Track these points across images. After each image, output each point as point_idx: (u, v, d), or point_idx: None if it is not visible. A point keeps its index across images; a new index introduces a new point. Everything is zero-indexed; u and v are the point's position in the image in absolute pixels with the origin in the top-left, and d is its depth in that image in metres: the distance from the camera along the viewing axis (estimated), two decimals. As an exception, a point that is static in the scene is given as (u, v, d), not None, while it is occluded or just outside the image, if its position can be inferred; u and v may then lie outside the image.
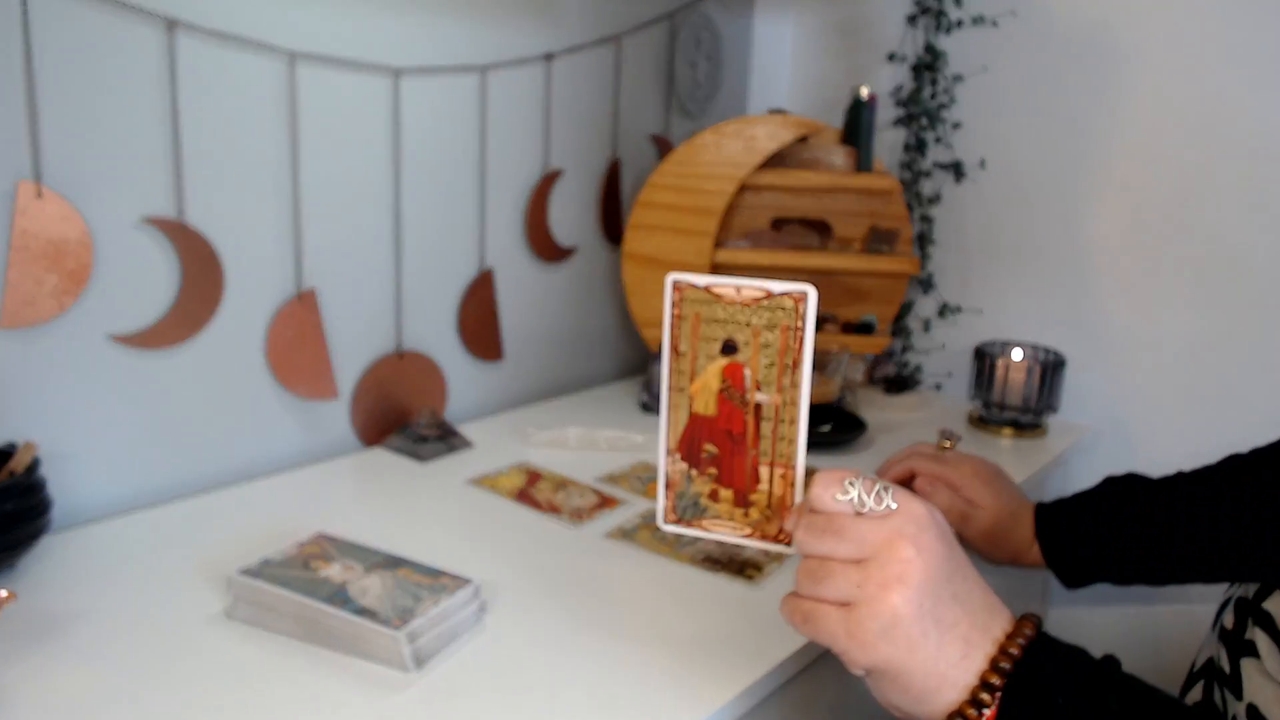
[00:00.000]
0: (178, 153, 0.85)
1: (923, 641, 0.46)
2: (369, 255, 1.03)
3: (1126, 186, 1.24)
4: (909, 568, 0.46)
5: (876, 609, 0.46)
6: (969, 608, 0.48)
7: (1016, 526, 0.87)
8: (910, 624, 0.46)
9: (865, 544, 0.47)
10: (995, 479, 0.90)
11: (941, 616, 0.47)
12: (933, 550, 0.47)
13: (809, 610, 0.48)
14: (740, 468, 0.53)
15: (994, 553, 0.88)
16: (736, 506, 0.54)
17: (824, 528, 0.48)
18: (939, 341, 1.42)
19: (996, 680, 0.46)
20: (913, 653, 0.46)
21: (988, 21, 1.30)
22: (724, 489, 0.54)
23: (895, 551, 0.47)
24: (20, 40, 0.75)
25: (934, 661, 0.46)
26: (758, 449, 0.52)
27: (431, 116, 1.06)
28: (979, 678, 0.47)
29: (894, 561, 0.46)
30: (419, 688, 0.62)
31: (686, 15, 1.36)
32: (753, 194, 1.28)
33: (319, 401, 1.00)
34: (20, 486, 0.72)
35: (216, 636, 0.66)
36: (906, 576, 0.46)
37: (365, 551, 0.73)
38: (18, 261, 0.76)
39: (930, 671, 0.46)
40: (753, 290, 0.51)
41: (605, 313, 1.35)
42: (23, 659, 0.63)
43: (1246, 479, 0.81)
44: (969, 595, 0.48)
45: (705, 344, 0.53)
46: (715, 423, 0.53)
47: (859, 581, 0.47)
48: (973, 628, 0.47)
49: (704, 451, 0.54)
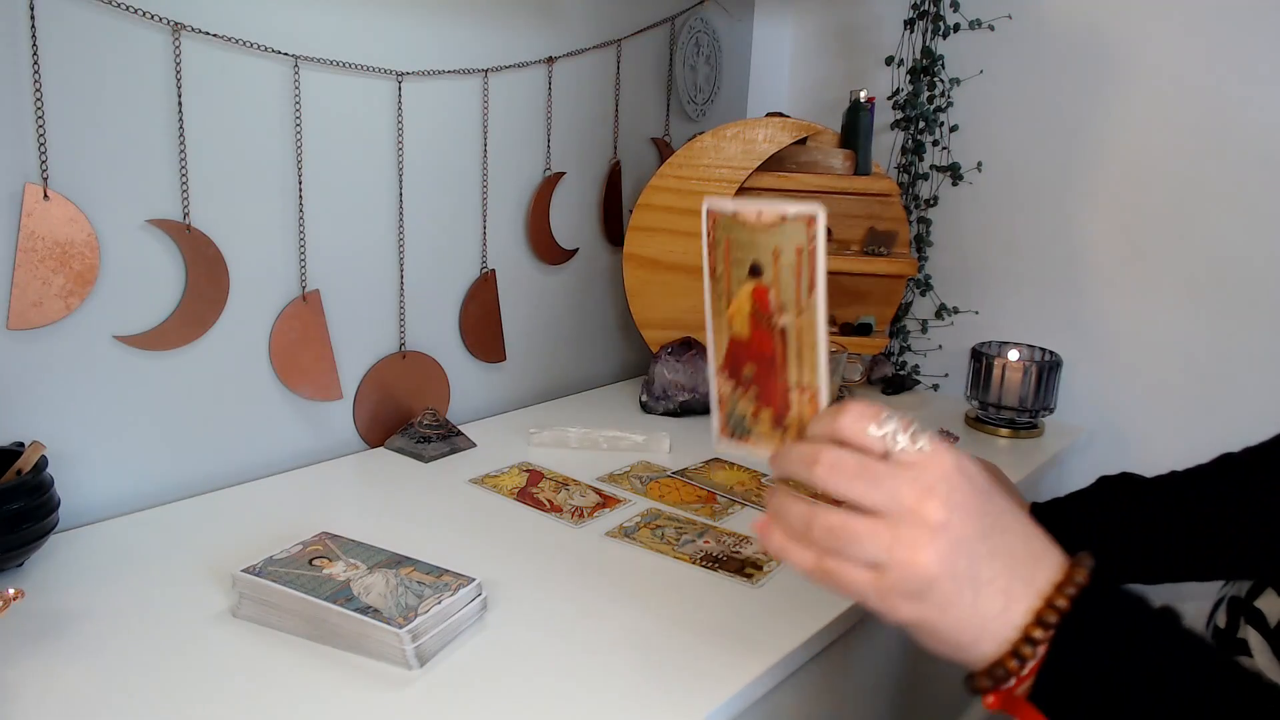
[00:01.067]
0: (183, 155, 0.86)
1: (958, 600, 0.43)
2: (372, 257, 1.04)
3: (1122, 189, 1.25)
4: (942, 528, 0.43)
5: (908, 573, 0.43)
6: (1009, 561, 0.45)
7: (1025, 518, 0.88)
8: (944, 584, 0.43)
9: (896, 499, 0.43)
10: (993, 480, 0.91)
11: (978, 574, 0.44)
12: (966, 506, 0.44)
13: (833, 570, 0.45)
14: (774, 389, 0.51)
15: None
16: (774, 428, 0.52)
17: (856, 471, 0.44)
18: (936, 342, 1.43)
19: (1039, 633, 0.43)
20: (946, 611, 0.44)
21: (984, 26, 1.31)
22: (764, 409, 0.52)
23: (927, 510, 0.43)
24: (27, 44, 0.75)
25: (970, 617, 0.44)
26: (786, 373, 0.51)
27: (434, 119, 1.06)
28: (1020, 631, 0.44)
29: (926, 522, 0.43)
30: (421, 685, 0.62)
31: (687, 19, 1.37)
32: (752, 196, 1.28)
33: (323, 402, 1.01)
34: (27, 486, 0.72)
35: (221, 634, 0.67)
36: (939, 537, 0.43)
37: (368, 550, 0.74)
38: (25, 263, 0.77)
39: (966, 627, 0.44)
40: (770, 213, 0.51)
41: (606, 314, 1.36)
42: (30, 656, 0.63)
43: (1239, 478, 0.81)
44: (1009, 548, 0.45)
45: (737, 268, 0.54)
46: (750, 345, 0.53)
47: (889, 545, 0.43)
48: (1013, 580, 0.44)
49: (745, 371, 0.53)
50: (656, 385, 1.22)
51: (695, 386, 1.21)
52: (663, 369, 1.21)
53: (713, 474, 1.02)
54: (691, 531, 0.87)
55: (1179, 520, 0.81)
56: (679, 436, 1.12)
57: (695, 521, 0.90)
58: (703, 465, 1.05)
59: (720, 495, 0.96)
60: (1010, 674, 0.44)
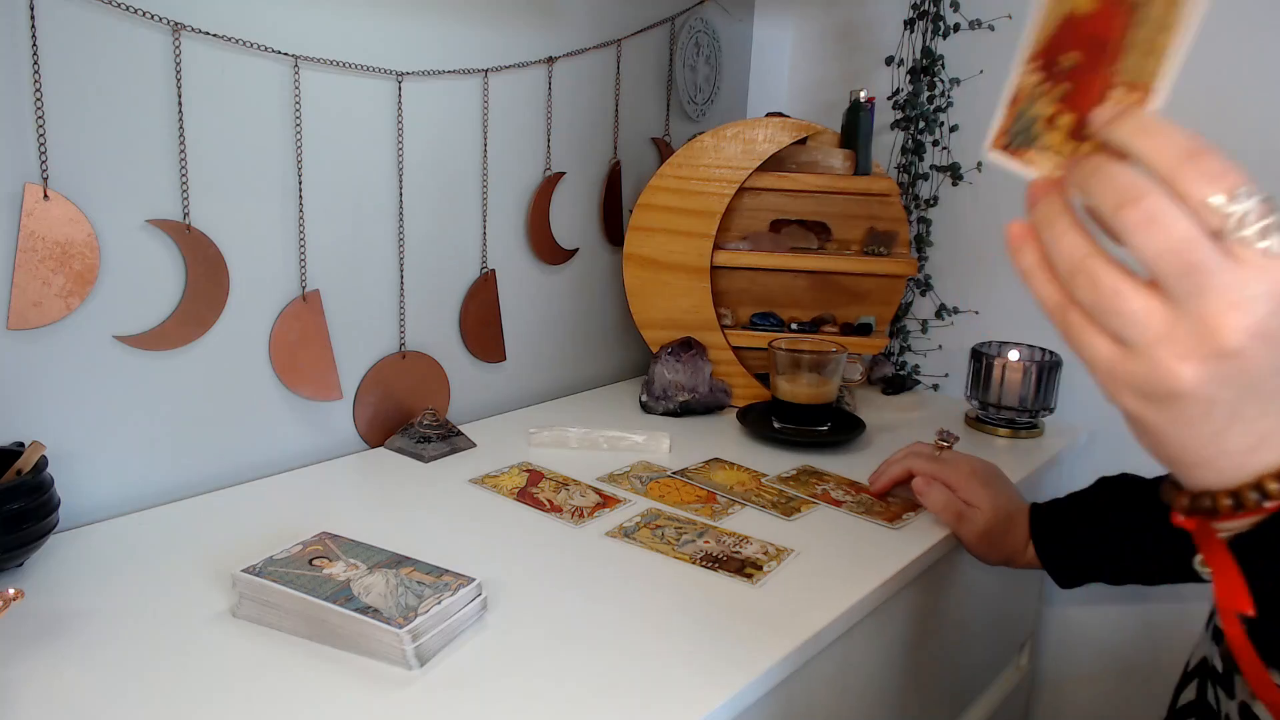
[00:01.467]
0: (183, 155, 0.86)
1: (1201, 423, 0.37)
2: (372, 257, 1.04)
3: (1123, 189, 1.25)
4: (1233, 355, 0.35)
5: (1160, 376, 0.36)
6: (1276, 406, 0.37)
7: (1012, 528, 0.88)
8: (1195, 405, 0.37)
9: (1201, 294, 0.35)
10: (993, 480, 0.91)
11: (1242, 409, 0.37)
12: (1273, 338, 0.35)
13: (1074, 325, 0.38)
14: (1094, 86, 0.41)
15: (989, 553, 0.89)
16: (1071, 139, 0.42)
17: (1178, 244, 0.35)
18: (936, 342, 1.43)
19: (1275, 486, 0.37)
20: (1183, 428, 0.38)
21: (984, 26, 1.31)
22: (1066, 113, 0.42)
23: (1226, 326, 0.35)
24: (27, 43, 0.75)
25: (1206, 444, 0.38)
26: (1119, 64, 0.41)
27: (434, 119, 1.07)
28: (1256, 476, 0.38)
29: (1216, 337, 0.35)
30: (421, 685, 0.62)
31: (687, 19, 1.37)
32: (752, 196, 1.28)
33: (323, 402, 1.01)
34: (28, 486, 0.72)
35: (221, 634, 0.67)
36: (1222, 362, 0.35)
37: (368, 550, 0.74)
38: (25, 263, 0.77)
39: (1197, 449, 0.38)
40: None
41: (606, 314, 1.36)
42: (30, 656, 0.64)
43: None
44: None
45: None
46: (1088, 21, 0.41)
47: (1158, 339, 0.36)
48: (1276, 427, 0.37)
49: (1064, 61, 0.42)
50: (656, 385, 1.22)
51: (695, 386, 1.21)
52: (663, 369, 1.21)
53: (713, 474, 1.02)
54: (691, 531, 0.87)
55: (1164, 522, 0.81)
56: (679, 436, 1.12)
57: (695, 521, 0.90)
58: (703, 465, 1.05)
59: (720, 495, 0.96)
60: (1219, 511, 0.39)
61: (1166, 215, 0.35)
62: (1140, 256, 0.36)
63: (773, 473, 1.03)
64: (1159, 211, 0.35)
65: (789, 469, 1.05)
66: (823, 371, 1.12)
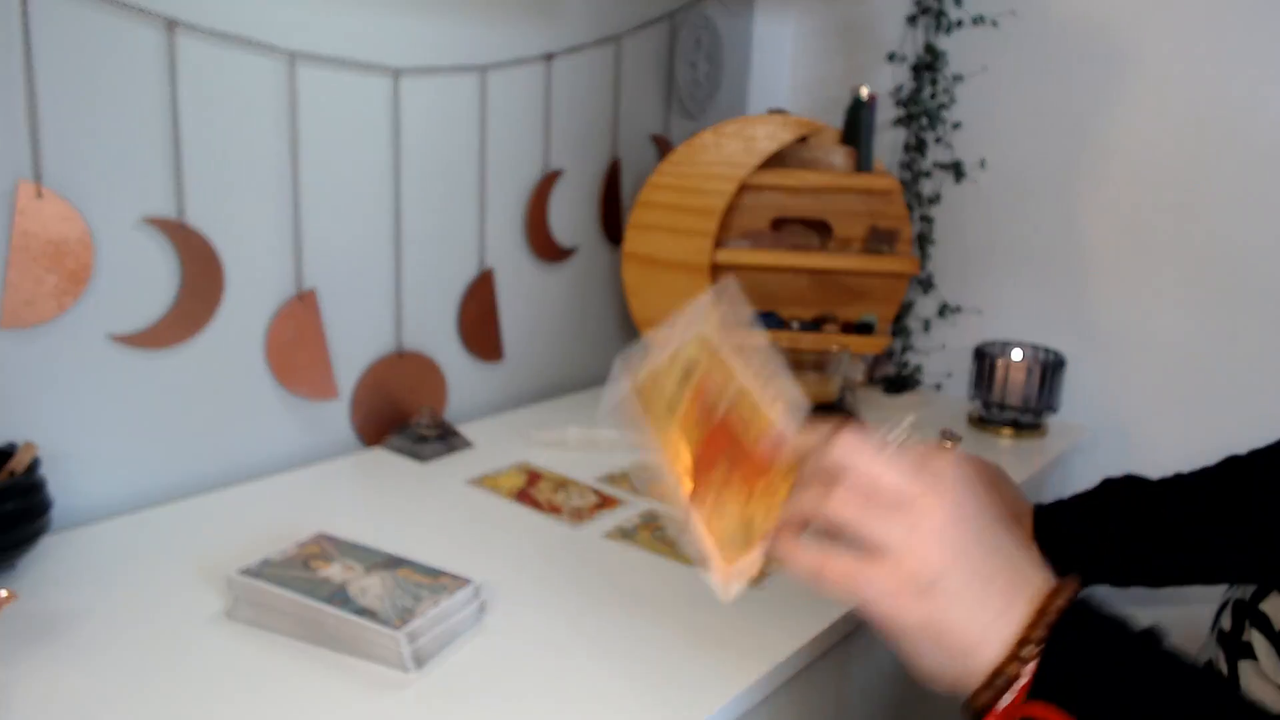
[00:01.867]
0: (178, 153, 0.85)
1: (966, 592, 0.44)
2: (369, 255, 1.03)
3: (1126, 186, 1.25)
4: (957, 519, 0.45)
5: (919, 560, 0.44)
6: (1008, 561, 0.46)
7: (1015, 529, 0.87)
8: (952, 576, 0.44)
9: (910, 482, 0.45)
10: (996, 481, 0.90)
11: (981, 569, 0.45)
12: (972, 504, 0.46)
13: (849, 570, 0.45)
14: (751, 458, 0.50)
15: None
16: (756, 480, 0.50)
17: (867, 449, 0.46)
18: (939, 341, 1.42)
19: (1040, 633, 0.44)
20: (954, 604, 0.44)
21: (987, 22, 1.30)
22: (739, 476, 0.50)
23: (941, 504, 0.45)
24: (20, 40, 0.75)
25: (977, 614, 0.44)
26: (752, 433, 0.50)
27: (431, 116, 1.06)
28: (1023, 631, 0.44)
29: (940, 512, 0.45)
30: (418, 687, 0.62)
31: (687, 15, 1.36)
32: (753, 194, 1.28)
33: (319, 401, 1.01)
34: (20, 486, 0.72)
35: (217, 636, 0.67)
36: (954, 528, 0.45)
37: (365, 551, 0.73)
38: (18, 261, 0.76)
39: (971, 625, 0.44)
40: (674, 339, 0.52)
41: (605, 312, 1.36)
42: (23, 658, 0.63)
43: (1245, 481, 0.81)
44: (1007, 549, 0.47)
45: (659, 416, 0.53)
46: (709, 442, 0.51)
47: (902, 536, 0.44)
48: (1012, 580, 0.46)
49: (716, 474, 0.51)
50: (656, 384, 1.21)
51: (695, 385, 1.20)
52: (663, 368, 1.21)
53: (713, 474, 1.01)
54: (692, 532, 0.86)
55: (1183, 524, 0.80)
56: (679, 436, 1.12)
57: (695, 522, 0.89)
58: (703, 465, 1.04)
59: (721, 495, 0.96)
60: (1012, 680, 0.44)
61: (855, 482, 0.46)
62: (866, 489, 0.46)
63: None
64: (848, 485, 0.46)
65: (790, 469, 1.04)
66: (824, 371, 1.11)
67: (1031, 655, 0.44)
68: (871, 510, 0.45)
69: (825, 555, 0.46)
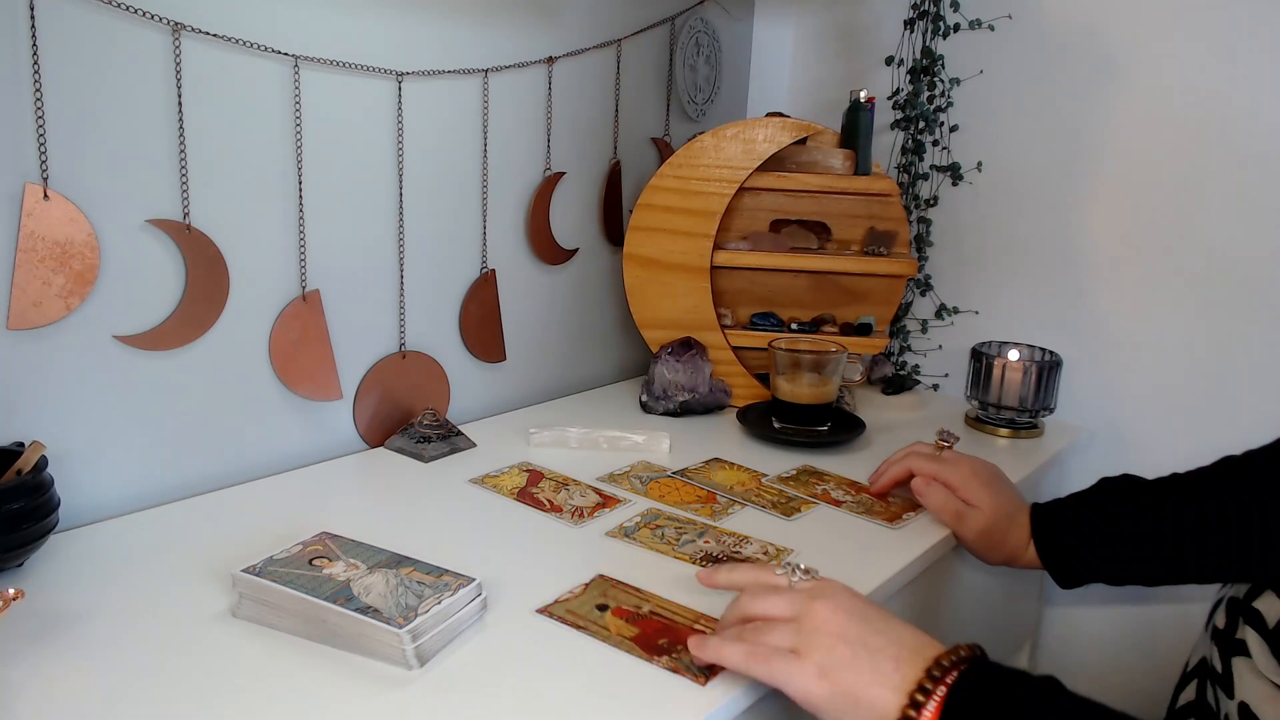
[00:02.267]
0: (183, 155, 0.86)
1: (855, 662, 0.57)
2: (372, 257, 1.04)
3: (1122, 189, 1.25)
4: (834, 615, 0.59)
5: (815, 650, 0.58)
6: (895, 638, 0.58)
7: (1013, 528, 0.88)
8: (841, 649, 0.57)
9: (798, 602, 0.61)
10: (993, 480, 0.91)
11: (869, 643, 0.57)
12: (848, 603, 0.60)
13: (767, 655, 0.59)
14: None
15: (989, 553, 0.89)
16: None
17: (765, 592, 0.63)
18: (936, 342, 1.43)
19: (929, 685, 0.55)
20: (849, 675, 0.56)
21: (984, 26, 1.31)
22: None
23: (820, 607, 0.60)
24: (27, 43, 0.75)
25: (871, 676, 0.56)
26: None
27: (434, 119, 1.07)
28: (915, 683, 0.55)
29: (821, 613, 0.59)
30: (421, 685, 0.62)
31: (687, 19, 1.37)
32: (752, 196, 1.28)
33: (323, 402, 1.01)
34: (28, 486, 0.72)
35: (221, 634, 0.67)
36: (834, 620, 0.59)
37: (368, 550, 0.74)
38: (24, 263, 0.77)
39: (868, 684, 0.56)
40: None
41: (606, 314, 1.36)
42: (30, 656, 0.64)
43: (1240, 481, 0.81)
44: (894, 630, 0.59)
45: None
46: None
47: (797, 631, 0.59)
48: (901, 650, 0.57)
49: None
50: (656, 385, 1.22)
51: (695, 386, 1.21)
52: (663, 369, 1.21)
53: (713, 474, 1.02)
54: (691, 531, 0.87)
55: (1179, 523, 0.81)
56: (679, 436, 1.12)
57: (695, 521, 0.90)
58: (703, 465, 1.05)
59: (720, 495, 0.96)
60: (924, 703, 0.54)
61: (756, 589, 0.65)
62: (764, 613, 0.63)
63: (773, 473, 1.03)
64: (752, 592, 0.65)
65: (789, 469, 1.05)
66: (823, 371, 1.12)
67: (924, 701, 0.54)
68: (775, 627, 0.60)
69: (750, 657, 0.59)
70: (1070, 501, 0.88)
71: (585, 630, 0.70)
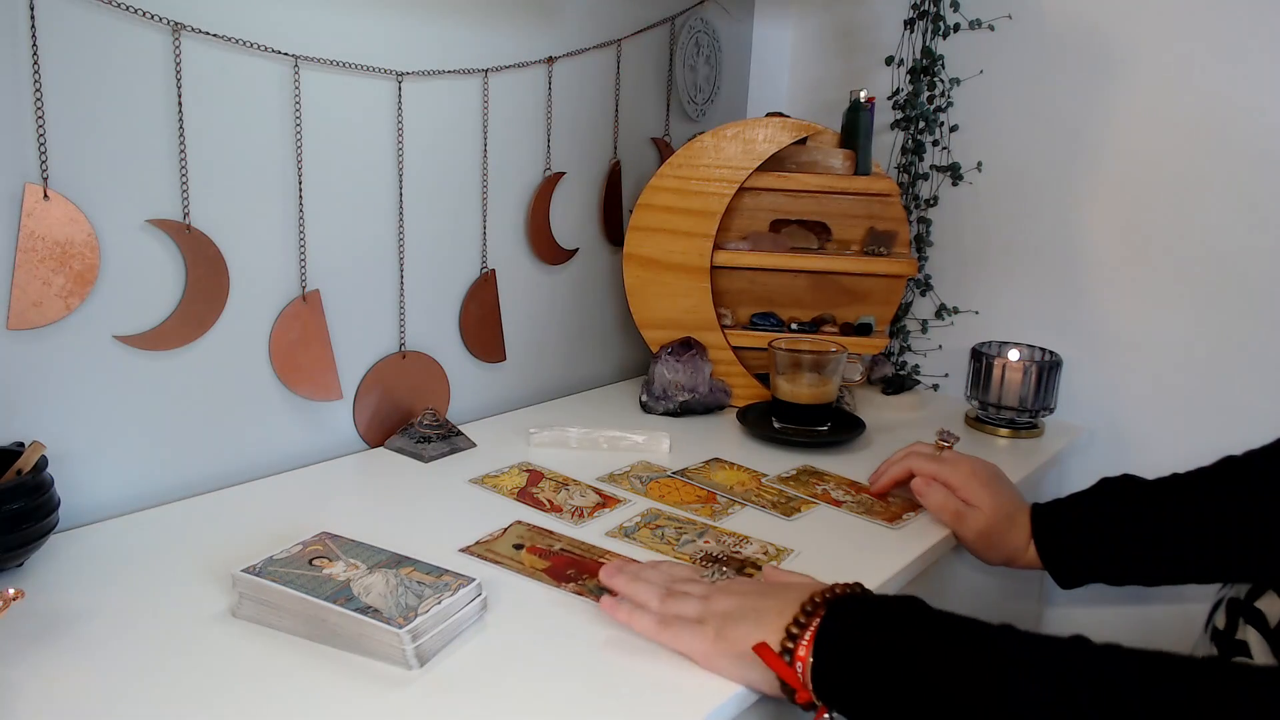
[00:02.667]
0: (183, 155, 0.86)
1: (745, 620, 0.64)
2: (372, 257, 1.04)
3: (1122, 188, 1.25)
4: (733, 587, 0.69)
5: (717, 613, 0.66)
6: (785, 597, 0.65)
7: (1013, 528, 0.88)
8: (737, 612, 0.65)
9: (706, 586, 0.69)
10: (993, 480, 0.91)
11: (758, 604, 0.65)
12: (743, 586, 0.69)
13: (672, 623, 0.66)
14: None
15: (989, 553, 0.89)
16: None
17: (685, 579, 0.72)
18: (936, 342, 1.43)
19: (804, 620, 0.61)
20: (740, 627, 0.64)
21: (984, 26, 1.31)
22: None
23: (724, 586, 0.69)
24: (27, 43, 0.75)
25: (757, 626, 0.63)
26: None
27: (434, 119, 1.07)
28: (792, 618, 0.62)
29: (723, 589, 0.68)
30: (421, 685, 0.62)
31: (686, 19, 1.37)
32: (752, 196, 1.29)
33: (323, 402, 1.01)
34: (28, 486, 0.72)
35: (221, 634, 0.67)
36: (732, 591, 0.68)
37: (368, 550, 0.74)
38: (25, 263, 0.77)
39: (754, 633, 0.63)
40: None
41: (606, 314, 1.36)
42: (30, 656, 0.64)
43: (1240, 481, 0.81)
44: (788, 591, 0.65)
45: None
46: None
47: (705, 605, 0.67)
48: (786, 603, 0.64)
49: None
50: (656, 385, 1.22)
51: (695, 386, 1.21)
52: (663, 369, 1.21)
53: (713, 474, 1.02)
54: (691, 531, 0.87)
55: (1179, 523, 0.81)
56: (679, 436, 1.12)
57: (695, 521, 0.90)
58: (703, 465, 1.05)
59: (720, 495, 0.96)
60: (789, 653, 0.61)
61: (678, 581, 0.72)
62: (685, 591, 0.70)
63: (773, 473, 1.03)
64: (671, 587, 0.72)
65: (789, 469, 1.05)
66: (823, 371, 1.12)
67: (799, 634, 0.61)
68: (687, 598, 0.68)
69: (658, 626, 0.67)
70: (1070, 501, 0.88)
71: (502, 565, 0.78)
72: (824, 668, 0.60)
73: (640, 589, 0.70)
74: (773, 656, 0.61)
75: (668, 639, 0.66)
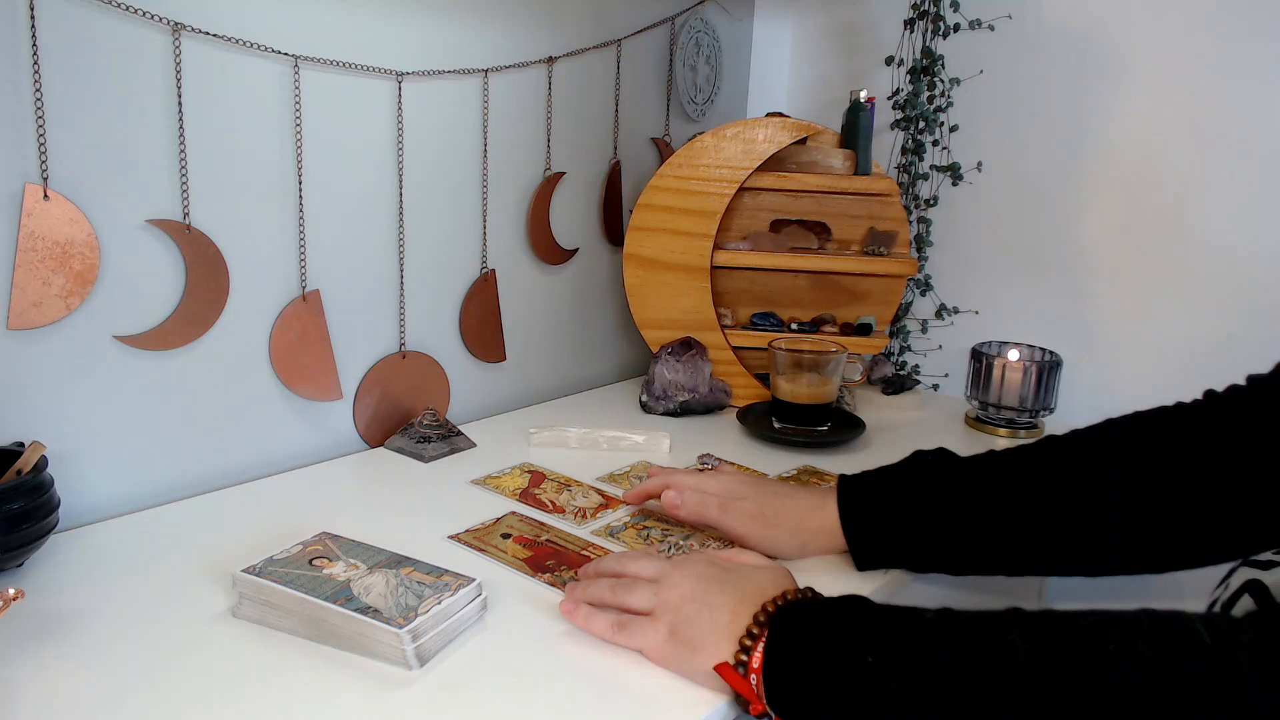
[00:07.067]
0: (183, 155, 0.86)
1: (698, 620, 0.63)
2: (372, 257, 1.04)
3: (1122, 188, 1.25)
4: (685, 580, 0.66)
5: (669, 608, 0.65)
6: (736, 594, 0.64)
7: (816, 512, 0.79)
8: (690, 609, 0.64)
9: (661, 566, 0.69)
10: (757, 480, 0.85)
11: (711, 601, 0.64)
12: (702, 569, 0.67)
13: (625, 621, 0.67)
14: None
15: (776, 539, 0.80)
16: None
17: (636, 554, 0.71)
18: (936, 342, 1.43)
19: (756, 630, 0.61)
20: (694, 628, 0.63)
21: (984, 26, 1.31)
22: None
23: (676, 573, 0.67)
24: (28, 43, 0.75)
25: (710, 629, 0.63)
26: None
27: (434, 119, 1.07)
28: (745, 629, 0.61)
29: (674, 577, 0.67)
30: (421, 685, 0.62)
31: (687, 19, 1.37)
32: (752, 196, 1.29)
33: (323, 402, 1.01)
34: (28, 486, 0.72)
35: (221, 634, 0.67)
36: (684, 584, 0.66)
37: (368, 550, 0.74)
38: (25, 263, 0.77)
39: (707, 637, 0.62)
40: None
41: (606, 314, 1.36)
42: (30, 656, 0.64)
43: (1058, 463, 0.74)
44: (739, 586, 0.65)
45: None
46: None
47: (656, 593, 0.66)
48: (740, 603, 0.63)
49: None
50: (656, 385, 1.22)
51: (695, 386, 1.21)
52: (663, 369, 1.21)
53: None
54: (678, 534, 0.87)
55: (986, 507, 0.74)
56: (679, 436, 1.12)
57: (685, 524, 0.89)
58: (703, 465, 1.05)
59: (720, 495, 0.96)
60: (742, 664, 0.60)
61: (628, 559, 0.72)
62: (635, 573, 0.70)
63: (773, 473, 1.03)
64: (625, 559, 0.72)
65: (789, 469, 1.05)
66: (823, 371, 1.12)
67: (752, 646, 0.61)
68: (638, 586, 0.67)
69: (613, 629, 0.67)
70: (877, 475, 0.80)
71: (485, 552, 0.80)
72: (775, 681, 0.59)
73: (591, 588, 0.69)
74: (734, 676, 0.60)
75: (624, 640, 0.66)
